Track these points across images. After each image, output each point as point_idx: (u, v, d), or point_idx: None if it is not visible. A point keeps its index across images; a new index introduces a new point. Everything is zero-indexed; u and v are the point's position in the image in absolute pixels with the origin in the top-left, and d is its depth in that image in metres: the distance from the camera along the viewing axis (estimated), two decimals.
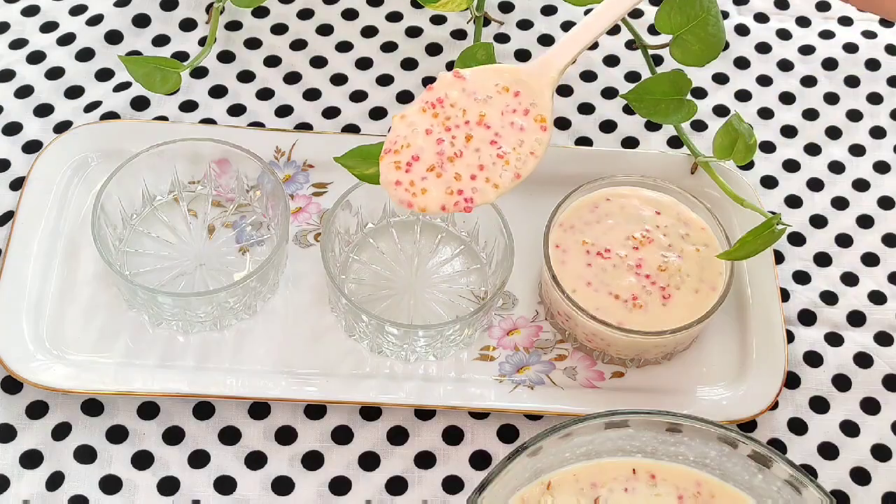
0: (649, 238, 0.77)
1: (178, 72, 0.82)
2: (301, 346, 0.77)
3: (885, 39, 0.96)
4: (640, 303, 0.75)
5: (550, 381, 0.77)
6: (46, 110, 0.87)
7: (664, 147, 0.89)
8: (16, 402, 0.75)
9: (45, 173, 0.82)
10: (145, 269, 0.79)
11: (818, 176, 0.89)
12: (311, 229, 0.82)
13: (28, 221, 0.80)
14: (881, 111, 0.92)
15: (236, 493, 0.73)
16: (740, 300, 0.80)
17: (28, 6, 0.93)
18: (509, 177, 0.66)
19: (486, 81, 0.67)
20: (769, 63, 0.94)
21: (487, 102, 0.67)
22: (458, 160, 0.66)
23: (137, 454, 0.74)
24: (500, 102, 0.67)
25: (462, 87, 0.67)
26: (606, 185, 0.80)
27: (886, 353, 0.80)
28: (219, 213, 0.82)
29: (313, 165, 0.84)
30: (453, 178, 0.66)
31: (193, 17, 0.93)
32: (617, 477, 0.66)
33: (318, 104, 0.89)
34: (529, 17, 0.95)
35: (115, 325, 0.77)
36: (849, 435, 0.77)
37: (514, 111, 0.67)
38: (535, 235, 0.79)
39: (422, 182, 0.66)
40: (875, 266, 0.84)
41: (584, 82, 0.92)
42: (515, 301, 0.80)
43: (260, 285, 0.76)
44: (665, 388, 0.77)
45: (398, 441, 0.75)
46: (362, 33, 0.93)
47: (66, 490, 0.72)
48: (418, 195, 0.66)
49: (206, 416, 0.75)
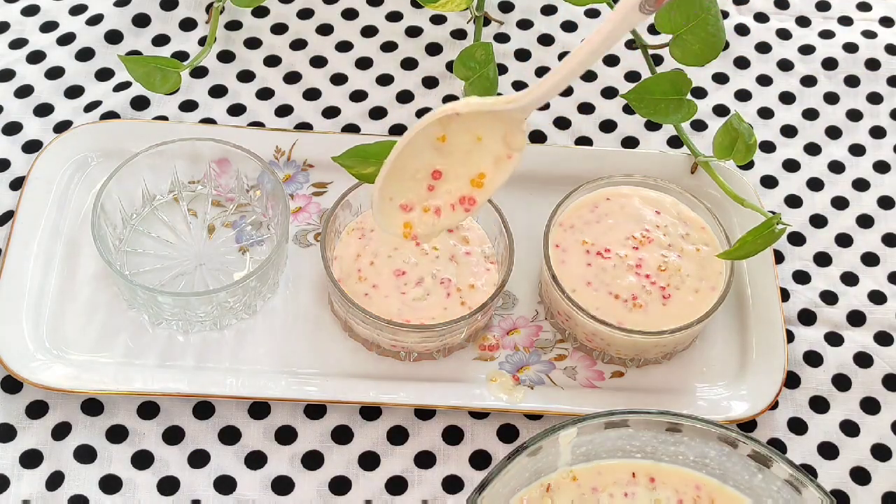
0: (649, 238, 0.77)
1: (178, 72, 0.82)
2: (301, 346, 0.77)
3: (885, 39, 0.96)
4: (640, 303, 0.75)
5: (550, 380, 0.77)
6: (46, 110, 0.87)
7: (664, 147, 0.89)
8: (16, 402, 0.75)
9: (45, 173, 0.82)
10: (145, 269, 0.79)
11: (818, 176, 0.89)
12: (311, 229, 0.82)
13: (28, 221, 0.80)
14: (881, 111, 0.92)
15: (236, 492, 0.73)
16: (740, 300, 0.80)
17: (28, 6, 0.93)
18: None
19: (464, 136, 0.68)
20: (769, 63, 0.94)
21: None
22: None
23: (137, 454, 0.74)
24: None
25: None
26: (606, 184, 0.80)
27: (886, 352, 0.80)
28: (219, 212, 0.82)
29: (313, 165, 0.84)
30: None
31: (193, 17, 0.93)
32: (617, 481, 0.66)
33: (318, 104, 0.89)
34: (529, 16, 0.95)
35: (115, 324, 0.77)
36: (849, 435, 0.77)
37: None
38: (535, 235, 0.79)
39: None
40: (875, 266, 0.84)
41: (584, 82, 0.92)
42: (515, 301, 0.80)
43: (260, 285, 0.76)
44: (665, 388, 0.77)
45: (398, 441, 0.75)
46: (362, 33, 0.93)
47: (66, 490, 0.72)
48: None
49: (206, 416, 0.75)
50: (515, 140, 0.67)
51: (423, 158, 0.68)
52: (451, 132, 0.67)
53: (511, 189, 0.82)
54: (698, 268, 0.77)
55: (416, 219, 0.70)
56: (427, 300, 0.75)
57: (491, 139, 0.67)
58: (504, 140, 0.67)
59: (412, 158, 0.68)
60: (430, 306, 0.75)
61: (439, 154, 0.68)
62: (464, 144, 0.68)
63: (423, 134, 0.67)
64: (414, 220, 0.70)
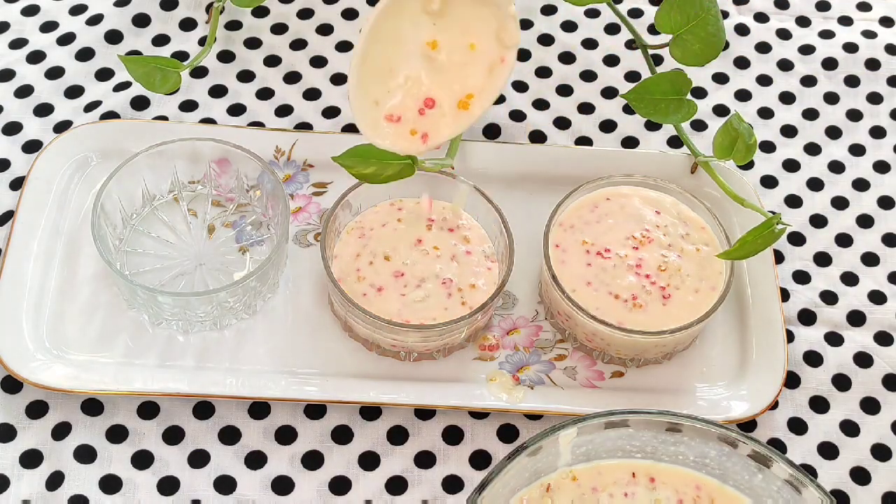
0: (649, 238, 0.77)
1: (178, 71, 0.82)
2: (301, 345, 0.77)
3: (885, 39, 0.96)
4: (640, 303, 0.75)
5: (550, 380, 0.77)
6: (46, 110, 0.87)
7: (664, 147, 0.89)
8: (16, 402, 0.75)
9: (45, 173, 0.82)
10: (145, 269, 0.79)
11: (818, 176, 0.89)
12: (311, 229, 0.82)
13: (28, 221, 0.80)
14: (881, 111, 0.92)
15: (236, 492, 0.73)
16: (740, 300, 0.80)
17: (28, 6, 0.93)
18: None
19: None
20: (769, 63, 0.94)
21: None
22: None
23: (137, 454, 0.74)
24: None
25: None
26: (606, 184, 0.80)
27: (886, 352, 0.80)
28: (219, 212, 0.82)
29: (313, 165, 0.84)
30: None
31: (193, 17, 0.93)
32: (617, 481, 0.66)
33: (318, 104, 0.89)
34: (529, 16, 0.95)
35: (115, 324, 0.77)
36: (849, 435, 0.77)
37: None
38: (535, 235, 0.79)
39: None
40: (875, 266, 0.84)
41: (584, 82, 0.92)
42: (515, 301, 0.80)
43: (260, 285, 0.76)
44: (665, 388, 0.77)
45: (398, 441, 0.75)
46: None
47: (66, 490, 0.72)
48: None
49: (206, 416, 0.75)
50: (508, 33, 0.65)
51: (412, 63, 0.67)
52: (444, 37, 0.66)
53: (511, 189, 0.83)
54: (698, 268, 0.77)
55: (404, 138, 0.68)
56: (428, 300, 0.75)
57: (485, 40, 0.66)
58: (497, 38, 0.66)
59: (398, 49, 0.66)
60: (431, 306, 0.75)
61: (431, 66, 0.67)
62: (457, 55, 0.66)
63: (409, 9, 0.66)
64: (401, 137, 0.68)
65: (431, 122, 0.67)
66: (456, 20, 0.66)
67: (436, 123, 0.67)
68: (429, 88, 0.67)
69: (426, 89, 0.67)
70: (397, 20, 0.67)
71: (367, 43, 0.66)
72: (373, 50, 0.67)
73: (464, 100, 0.67)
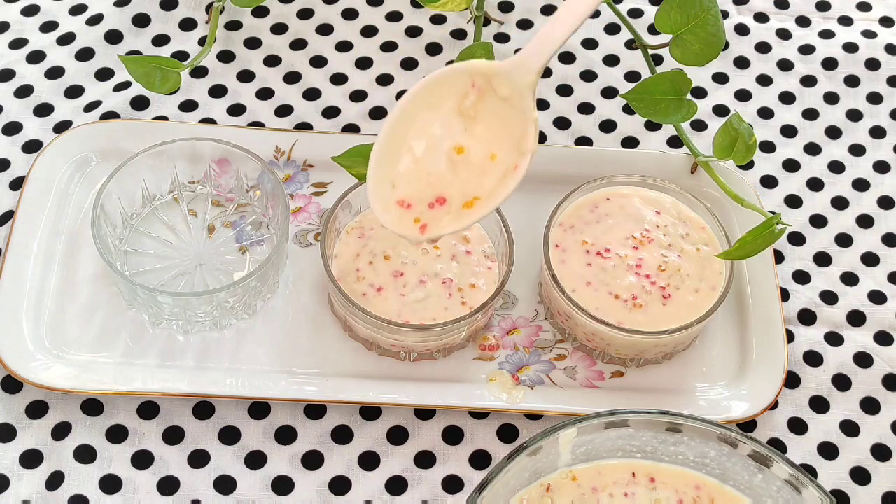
0: (649, 238, 0.77)
1: (178, 71, 0.82)
2: (301, 346, 0.77)
3: (885, 39, 0.96)
4: (640, 303, 0.75)
5: (550, 380, 0.77)
6: (46, 110, 0.87)
7: (664, 147, 0.89)
8: (16, 402, 0.75)
9: (45, 173, 0.82)
10: (145, 269, 0.79)
11: (818, 176, 0.89)
12: (311, 229, 0.82)
13: (28, 221, 0.80)
14: (881, 111, 0.92)
15: (236, 492, 0.73)
16: (740, 300, 0.80)
17: (28, 6, 0.93)
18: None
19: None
20: (769, 63, 0.94)
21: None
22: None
23: (137, 454, 0.74)
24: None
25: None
26: (606, 184, 0.80)
27: (886, 352, 0.80)
28: (219, 212, 0.82)
29: (313, 165, 0.84)
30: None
31: (193, 17, 0.93)
32: (617, 481, 0.66)
33: (318, 104, 0.89)
34: (529, 17, 0.95)
35: (115, 324, 0.77)
36: (849, 435, 0.77)
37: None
38: (535, 235, 0.79)
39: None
40: (875, 266, 0.84)
41: (584, 82, 0.92)
42: (515, 301, 0.80)
43: (260, 285, 0.76)
44: (665, 388, 0.77)
45: (398, 441, 0.75)
46: (362, 33, 0.93)
47: (66, 490, 0.72)
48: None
49: (206, 416, 0.75)
50: (528, 140, 0.65)
51: (436, 160, 0.67)
52: (471, 145, 0.67)
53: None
54: (698, 268, 0.77)
55: (406, 224, 0.69)
56: (428, 300, 0.75)
57: (506, 150, 0.66)
58: (518, 147, 0.66)
59: (425, 144, 0.67)
60: (431, 306, 0.75)
61: (452, 168, 0.68)
62: (478, 163, 0.67)
63: (441, 116, 0.67)
64: (405, 223, 0.69)
65: (436, 216, 0.68)
66: (486, 129, 0.66)
67: (439, 219, 0.68)
68: (445, 188, 0.68)
69: (442, 189, 0.68)
70: (431, 113, 0.67)
71: (398, 124, 0.67)
72: (403, 132, 0.67)
73: (470, 200, 0.68)
